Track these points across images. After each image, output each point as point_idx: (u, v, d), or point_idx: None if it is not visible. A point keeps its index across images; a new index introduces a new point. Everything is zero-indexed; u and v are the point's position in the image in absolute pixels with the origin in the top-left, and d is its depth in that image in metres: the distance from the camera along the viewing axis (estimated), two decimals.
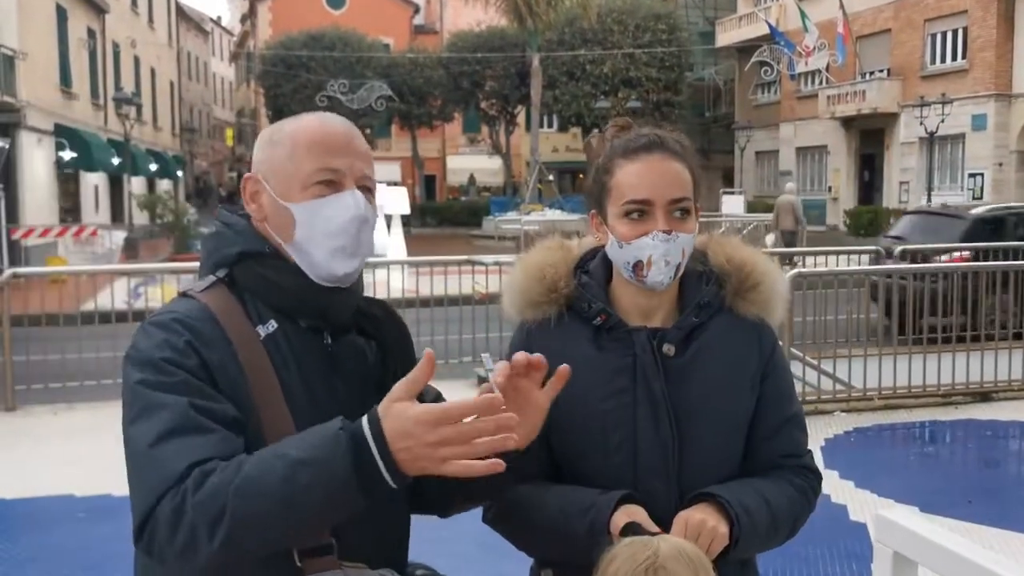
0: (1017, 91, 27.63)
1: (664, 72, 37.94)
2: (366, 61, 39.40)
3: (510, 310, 1.77)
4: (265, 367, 1.40)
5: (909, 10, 30.97)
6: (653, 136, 1.68)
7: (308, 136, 1.47)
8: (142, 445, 1.29)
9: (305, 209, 1.45)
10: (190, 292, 1.47)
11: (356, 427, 1.23)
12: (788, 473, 1.70)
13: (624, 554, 1.42)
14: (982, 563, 2.11)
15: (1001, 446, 7.00)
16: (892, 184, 31.95)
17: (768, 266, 1.74)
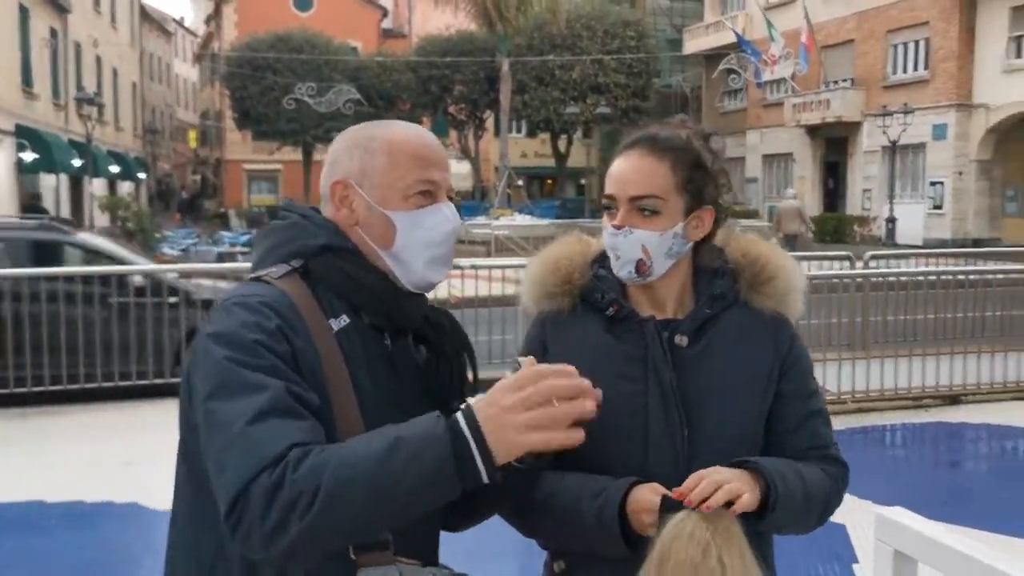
0: (977, 102, 28.15)
1: (632, 78, 38.20)
2: (334, 64, 39.23)
3: (527, 302, 1.80)
4: (338, 361, 1.40)
5: (872, 21, 31.45)
6: (646, 132, 1.71)
7: (409, 148, 1.50)
8: (239, 422, 1.26)
9: (407, 218, 1.48)
10: (265, 277, 1.45)
11: (451, 416, 1.26)
12: (815, 462, 1.71)
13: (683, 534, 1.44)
14: (981, 559, 2.12)
15: (971, 448, 7.11)
16: (855, 191, 32.40)
17: (784, 260, 1.75)
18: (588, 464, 1.65)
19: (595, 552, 1.62)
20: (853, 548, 4.60)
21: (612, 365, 1.67)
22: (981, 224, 28.40)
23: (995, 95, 27.50)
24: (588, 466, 1.65)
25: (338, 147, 1.53)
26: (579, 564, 1.69)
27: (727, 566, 1.43)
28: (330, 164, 1.53)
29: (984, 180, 28.50)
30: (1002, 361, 8.08)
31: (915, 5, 29.62)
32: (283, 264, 1.47)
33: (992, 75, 27.68)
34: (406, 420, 1.34)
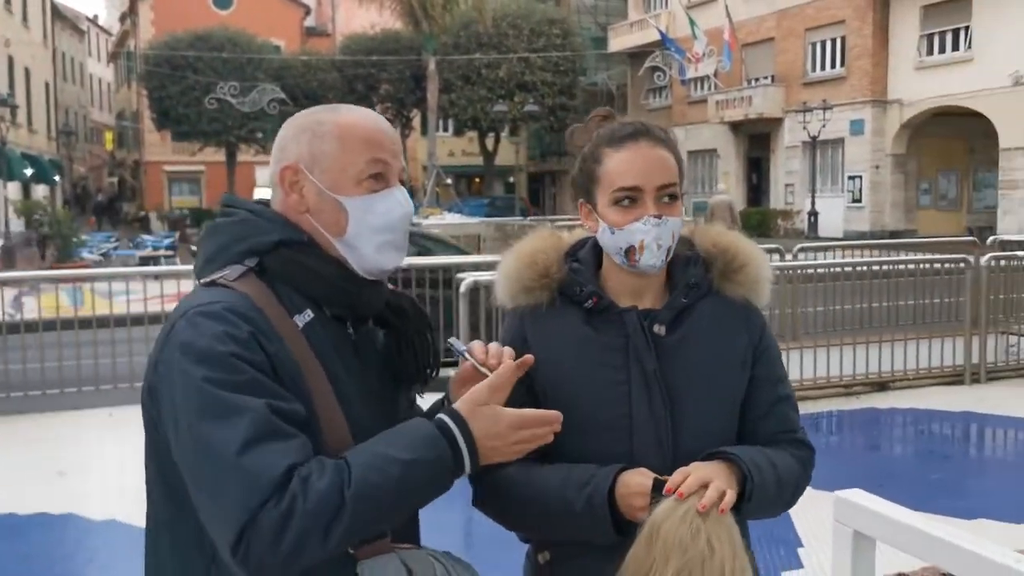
0: (892, 98, 29.06)
1: (559, 77, 38.45)
2: (256, 63, 38.62)
3: (503, 297, 1.80)
4: (311, 358, 1.38)
5: (791, 20, 32.20)
6: (639, 124, 1.73)
7: (360, 131, 1.47)
8: (228, 453, 1.24)
9: (359, 204, 1.46)
10: (222, 280, 1.40)
11: (445, 426, 1.35)
12: (786, 446, 1.75)
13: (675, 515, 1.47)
14: (936, 534, 2.19)
15: (900, 432, 7.34)
16: (778, 186, 33.15)
17: (753, 250, 1.79)
18: (572, 453, 1.67)
19: (583, 540, 1.63)
20: (797, 532, 4.72)
21: (594, 356, 1.69)
22: (897, 216, 29.34)
23: (908, 91, 28.44)
24: (572, 455, 1.67)
25: (286, 132, 1.50)
26: (565, 553, 1.70)
27: (716, 548, 1.45)
28: (278, 149, 1.49)
29: (899, 174, 29.44)
30: (926, 348, 8.37)
31: (831, 4, 30.43)
32: (236, 264, 1.42)
33: (905, 72, 28.62)
34: (378, 405, 1.44)
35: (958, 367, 8.41)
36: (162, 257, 22.45)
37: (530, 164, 46.79)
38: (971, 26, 26.61)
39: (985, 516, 5.00)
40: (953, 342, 8.53)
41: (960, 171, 30.58)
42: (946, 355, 8.44)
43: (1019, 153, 25.57)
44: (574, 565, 1.69)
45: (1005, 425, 7.25)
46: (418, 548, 1.45)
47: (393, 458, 1.29)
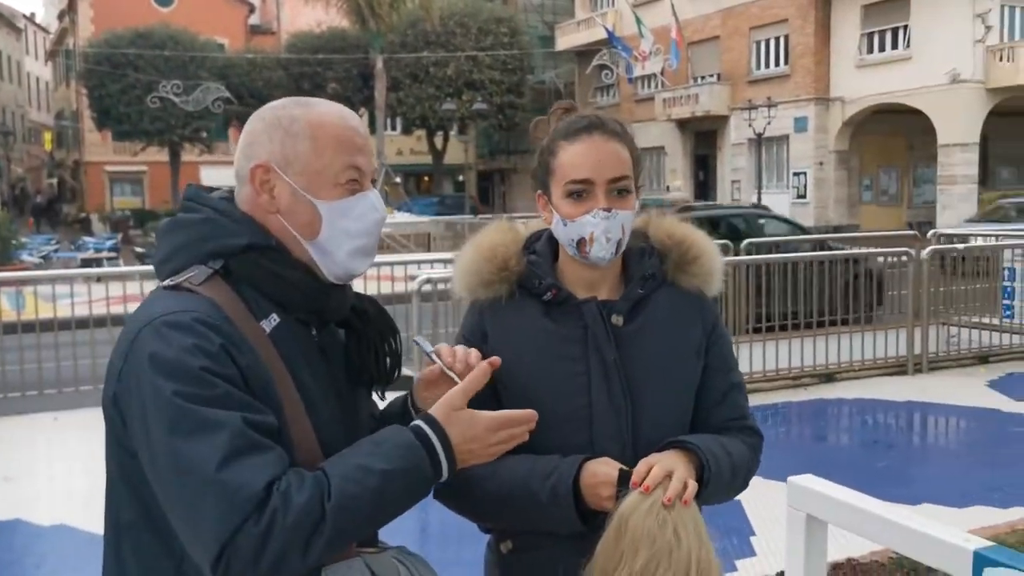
0: (834, 95, 29.61)
1: (507, 75, 38.50)
2: (200, 61, 38.04)
3: (461, 291, 1.80)
4: (281, 367, 1.36)
5: (736, 18, 32.63)
6: (593, 118, 1.74)
7: (335, 131, 1.43)
8: (206, 469, 1.21)
9: (333, 208, 1.42)
10: (186, 285, 1.36)
11: (422, 434, 1.35)
12: (736, 432, 1.79)
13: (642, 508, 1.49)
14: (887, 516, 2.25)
15: (847, 422, 7.50)
16: (725, 183, 33.58)
17: (706, 242, 1.83)
18: (533, 444, 1.66)
19: (547, 529, 1.65)
20: (749, 521, 4.80)
21: (553, 347, 1.71)
22: (841, 211, 29.92)
23: (850, 89, 29.00)
24: (533, 446, 1.66)
25: (256, 127, 1.44)
26: (528, 542, 1.71)
27: (682, 538, 1.48)
28: (247, 145, 1.44)
29: (842, 170, 30.02)
30: (870, 340, 8.56)
31: (775, 3, 30.91)
32: (200, 266, 1.38)
33: (847, 70, 29.19)
34: (342, 407, 1.43)
35: (901, 358, 8.62)
36: (105, 259, 22.02)
37: (479, 162, 46.78)
38: (909, 25, 27.24)
39: (929, 501, 5.13)
40: (896, 334, 8.74)
41: (900, 167, 31.30)
42: (890, 346, 8.64)
43: (957, 149, 26.24)
44: (537, 554, 1.70)
45: (946, 413, 7.45)
46: (381, 551, 1.44)
47: (372, 468, 1.28)
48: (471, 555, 1.95)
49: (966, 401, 7.58)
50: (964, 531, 1.83)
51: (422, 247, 22.93)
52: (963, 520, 4.70)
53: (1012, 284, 9.80)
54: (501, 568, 1.77)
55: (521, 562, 1.73)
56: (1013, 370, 8.74)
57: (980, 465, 5.98)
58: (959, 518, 4.77)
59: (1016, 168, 31.45)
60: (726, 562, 4.29)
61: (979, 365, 8.94)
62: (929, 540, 1.99)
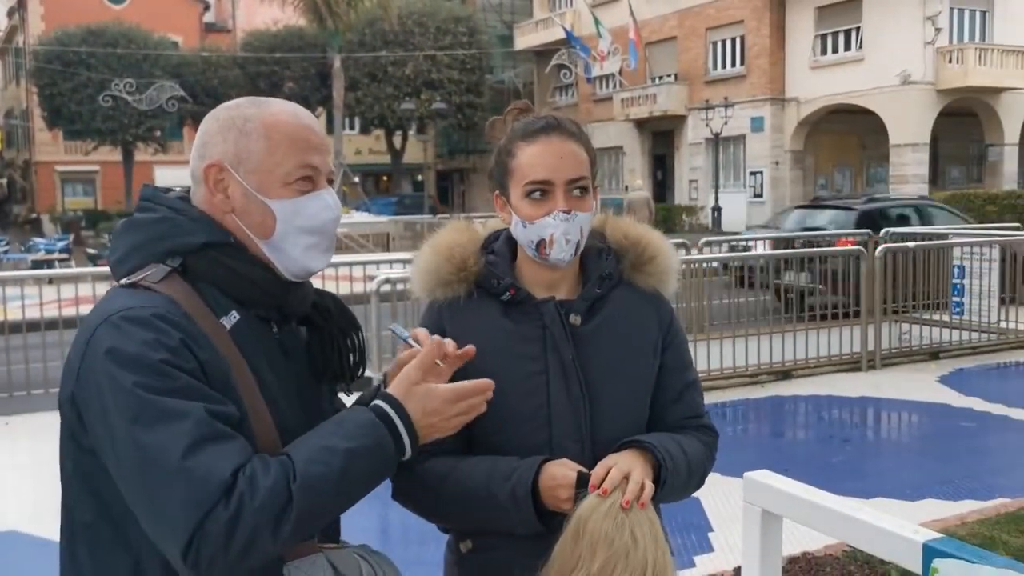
0: (789, 95, 30.01)
1: (465, 74, 38.47)
2: (153, 59, 37.52)
3: (419, 291, 1.80)
4: (241, 362, 1.36)
5: (693, 19, 32.93)
6: (550, 118, 1.75)
7: (288, 130, 1.43)
8: (172, 458, 1.21)
9: (287, 207, 1.42)
10: (144, 283, 1.36)
11: (382, 411, 1.36)
12: (692, 431, 1.81)
13: (600, 510, 1.51)
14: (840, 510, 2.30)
15: (803, 418, 7.60)
16: (683, 182, 33.87)
17: (662, 242, 1.84)
18: (493, 443, 1.70)
19: (505, 530, 1.65)
20: (707, 517, 4.84)
21: (512, 347, 1.71)
22: None
23: (804, 89, 29.41)
24: (493, 445, 1.70)
25: (210, 126, 1.44)
26: (487, 542, 1.72)
27: (639, 539, 1.50)
28: (201, 145, 1.44)
29: (798, 169, 30.43)
30: (825, 337, 8.69)
31: (730, 4, 31.24)
32: (158, 264, 1.38)
33: (801, 71, 29.59)
34: (305, 404, 1.44)
35: (855, 354, 8.76)
36: (56, 260, 21.62)
37: (438, 162, 46.69)
38: (861, 27, 27.69)
39: (882, 495, 5.22)
40: (851, 331, 8.88)
41: (854, 167, 31.81)
42: (844, 343, 8.78)
43: (908, 149, 26.73)
44: (496, 553, 1.71)
45: (899, 408, 7.59)
46: (343, 547, 1.44)
47: (335, 448, 1.29)
48: (433, 555, 1.96)
49: (917, 396, 7.72)
50: (915, 524, 1.87)
51: (381, 247, 22.83)
52: (915, 513, 4.79)
53: (961, 282, 10.01)
54: (460, 567, 1.78)
55: (480, 561, 1.74)
56: (962, 366, 8.93)
57: (931, 459, 6.10)
58: (911, 511, 4.86)
59: (965, 168, 32.13)
60: (684, 558, 4.33)
61: (930, 361, 9.12)
62: (880, 533, 2.03)
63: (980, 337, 9.74)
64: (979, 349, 9.55)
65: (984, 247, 9.95)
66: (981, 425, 6.83)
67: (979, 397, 7.57)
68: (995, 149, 28.11)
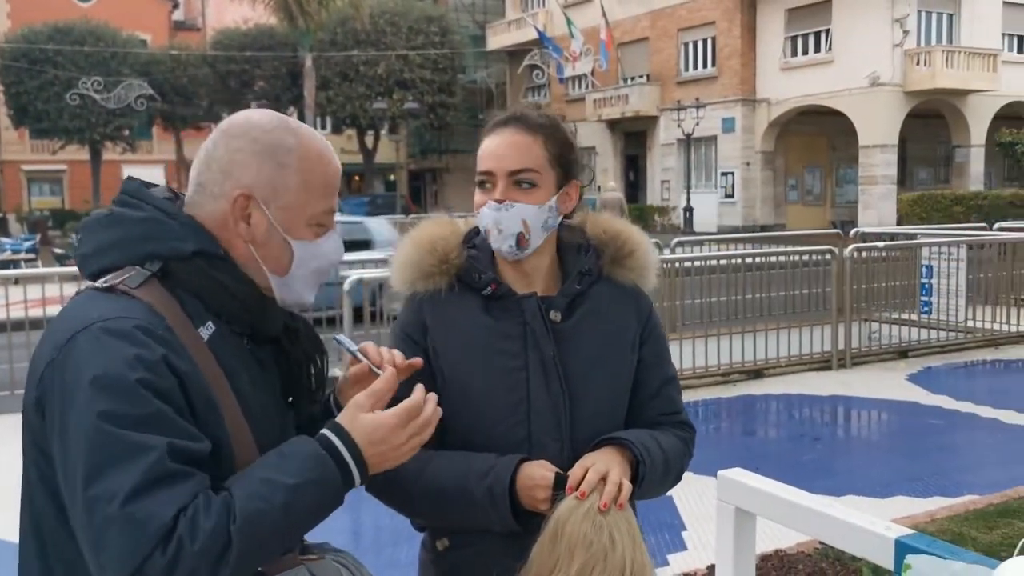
0: (760, 97, 30.23)
1: (438, 74, 38.37)
2: (122, 57, 37.12)
3: (399, 284, 1.79)
4: (219, 375, 1.32)
5: (664, 20, 33.08)
6: (517, 112, 1.76)
7: (324, 171, 1.42)
8: (116, 501, 1.16)
9: (307, 248, 1.42)
10: (122, 287, 1.30)
11: (328, 443, 1.30)
12: (670, 427, 1.82)
13: (578, 512, 1.51)
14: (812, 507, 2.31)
15: (774, 417, 7.65)
16: (655, 183, 34.01)
17: (641, 237, 1.85)
18: (473, 439, 1.69)
19: (481, 528, 1.65)
20: (680, 516, 4.86)
21: (492, 343, 1.71)
22: (767, 211, 30.55)
23: (775, 91, 29.64)
24: (472, 440, 1.69)
25: (243, 146, 1.37)
26: (464, 540, 1.71)
27: (617, 541, 1.50)
28: (230, 163, 1.37)
29: (768, 170, 30.66)
30: (796, 336, 8.77)
31: (702, 5, 31.42)
32: (135, 267, 1.33)
33: (772, 72, 29.82)
34: (282, 418, 1.43)
35: (826, 353, 8.83)
36: (23, 261, 21.33)
37: (411, 162, 46.54)
38: (831, 29, 27.94)
39: (853, 492, 5.27)
40: (821, 330, 8.95)
41: (824, 167, 32.10)
42: (815, 342, 8.85)
43: (877, 150, 27.02)
44: (473, 551, 1.70)
45: (869, 407, 7.66)
46: (322, 557, 1.42)
47: (278, 483, 1.24)
48: (406, 556, 1.94)
49: (887, 395, 7.80)
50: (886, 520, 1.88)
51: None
52: (885, 510, 4.84)
53: (929, 281, 10.14)
54: (436, 565, 1.77)
55: (456, 559, 1.73)
56: (931, 364, 9.04)
57: (901, 456, 6.16)
58: (881, 508, 4.91)
59: (933, 169, 32.54)
60: (658, 557, 4.34)
61: (899, 359, 9.22)
62: (853, 529, 2.05)
63: (948, 336, 9.87)
64: (947, 348, 9.67)
65: (952, 247, 10.08)
66: (949, 423, 6.92)
67: (947, 395, 7.67)
68: (962, 150, 28.48)
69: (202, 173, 1.39)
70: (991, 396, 7.76)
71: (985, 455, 6.17)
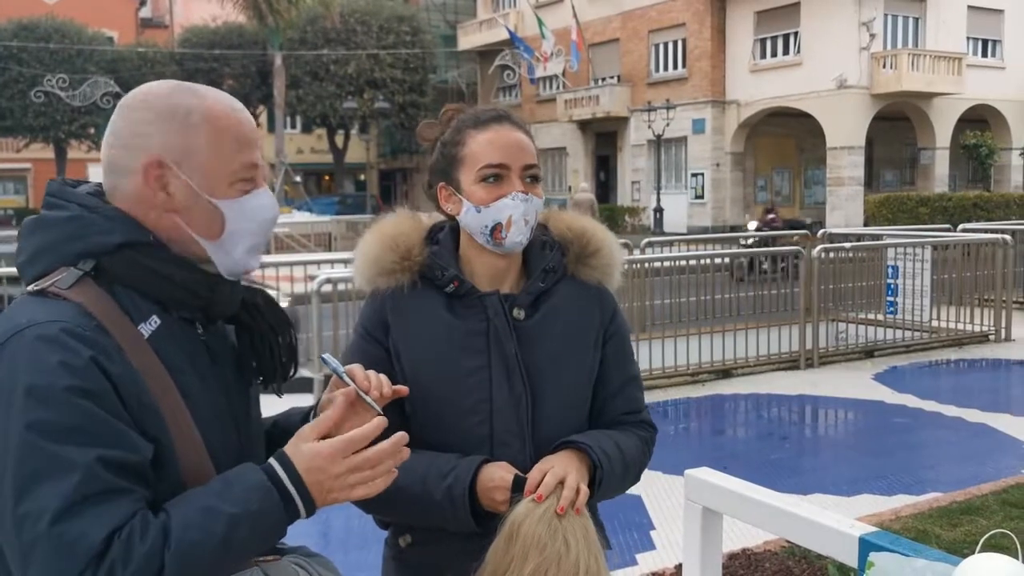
0: (730, 98, 30.44)
1: (409, 74, 38.29)
2: (88, 54, 36.70)
3: (360, 280, 1.78)
4: (161, 373, 1.27)
5: (635, 21, 33.21)
6: (501, 110, 1.77)
7: (232, 126, 1.36)
8: (44, 519, 1.12)
9: (234, 207, 1.36)
10: (53, 289, 1.26)
11: (273, 474, 1.25)
12: (631, 427, 1.82)
13: (534, 515, 1.52)
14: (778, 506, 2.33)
15: (742, 416, 7.70)
16: (625, 183, 34.14)
17: (606, 235, 1.85)
18: (434, 437, 1.69)
19: (440, 525, 1.65)
20: (649, 516, 4.88)
21: (455, 340, 1.70)
22: (737, 212, 30.75)
23: (744, 92, 29.86)
24: (435, 438, 1.69)
25: (142, 115, 1.32)
26: (426, 537, 1.71)
27: (571, 545, 1.50)
28: (132, 135, 1.32)
29: (738, 171, 30.88)
30: (765, 336, 8.83)
31: (672, 7, 31.59)
32: (68, 267, 1.28)
33: (741, 74, 30.04)
34: (232, 409, 1.38)
35: (794, 353, 8.91)
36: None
37: (381, 161, 46.40)
38: (800, 31, 28.21)
39: (819, 491, 5.32)
40: (789, 330, 9.03)
41: (792, 169, 32.40)
42: (783, 342, 8.92)
43: (844, 152, 27.30)
44: (435, 548, 1.70)
45: (836, 406, 7.73)
46: (279, 557, 1.39)
47: (219, 512, 1.20)
48: (375, 559, 1.93)
49: (853, 394, 7.89)
50: (851, 519, 1.90)
51: (322, 247, 22.60)
52: (851, 508, 4.89)
53: (895, 281, 10.26)
54: (398, 562, 1.77)
55: (419, 556, 1.73)
56: (896, 363, 9.15)
57: (866, 455, 6.23)
58: (847, 506, 4.96)
59: (899, 171, 32.95)
60: (626, 556, 4.36)
61: (866, 359, 9.32)
62: (818, 528, 2.06)
63: (913, 336, 9.99)
64: (912, 347, 9.79)
65: (917, 248, 10.21)
66: (914, 421, 7.00)
67: (912, 394, 7.77)
68: (927, 152, 28.85)
69: (109, 152, 1.34)
70: (955, 395, 7.86)
71: (949, 453, 6.25)
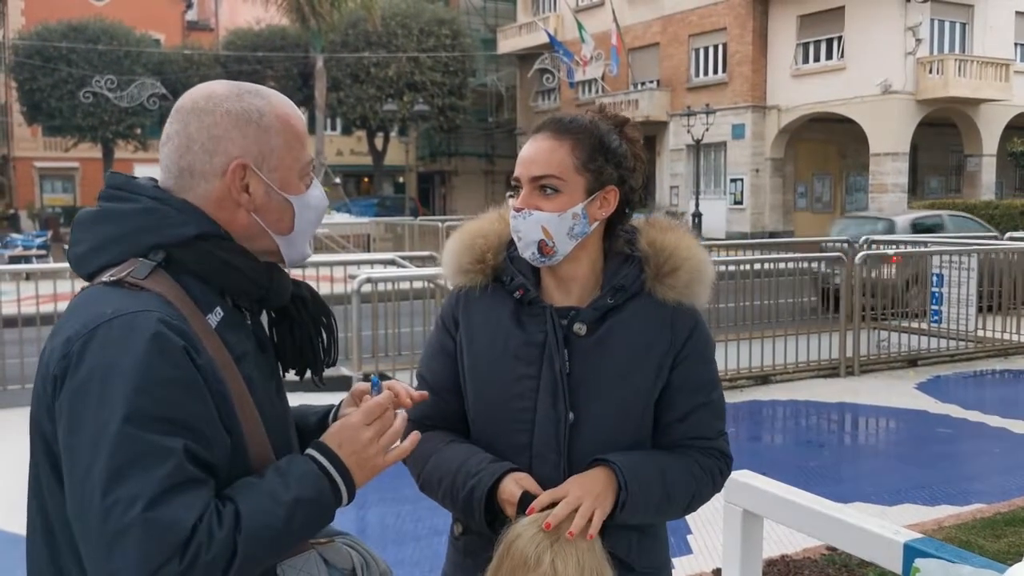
0: (771, 103, 30.18)
1: (448, 77, 38.42)
2: (135, 56, 37.28)
3: (447, 273, 1.83)
4: (228, 361, 1.31)
5: (675, 26, 33.05)
6: (554, 117, 1.74)
7: (297, 124, 1.44)
8: (135, 508, 1.15)
9: (302, 201, 1.44)
10: (131, 280, 1.28)
11: (318, 460, 1.34)
12: (695, 453, 1.73)
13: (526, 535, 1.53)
14: (819, 509, 2.32)
15: (781, 423, 7.64)
16: (664, 188, 33.97)
17: (692, 251, 1.74)
18: (481, 437, 1.74)
19: (465, 520, 1.72)
20: (686, 520, 4.85)
21: (513, 348, 1.71)
22: (776, 218, 30.49)
23: (786, 97, 29.58)
24: (483, 437, 1.74)
25: (219, 120, 1.35)
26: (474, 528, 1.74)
27: (559, 571, 1.50)
28: (212, 138, 1.35)
29: (778, 177, 30.59)
30: (805, 343, 8.75)
31: (713, 11, 31.38)
32: (139, 259, 1.30)
33: (783, 79, 29.76)
34: (281, 394, 1.46)
35: (834, 360, 8.82)
36: (34, 257, 21.42)
37: (420, 164, 46.58)
38: (843, 36, 27.89)
39: (860, 499, 5.26)
40: (829, 337, 8.93)
41: (833, 175, 32.03)
42: (823, 349, 8.83)
43: (888, 158, 26.94)
44: (480, 539, 1.71)
45: (877, 414, 7.64)
46: (331, 540, 1.44)
47: (279, 498, 1.27)
48: (411, 556, 1.97)
49: (895, 403, 7.79)
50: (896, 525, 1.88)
51: (361, 248, 22.77)
52: (892, 517, 4.83)
53: (940, 290, 10.11)
54: (454, 548, 1.82)
55: (468, 544, 1.77)
56: (940, 373, 9.02)
57: (908, 464, 6.15)
58: (889, 515, 4.90)
59: (944, 178, 32.44)
60: None
61: (908, 368, 9.20)
62: (862, 533, 2.04)
63: (958, 345, 9.83)
64: (956, 357, 9.64)
65: (962, 256, 10.05)
66: (958, 432, 6.90)
67: (956, 404, 7.65)
68: (973, 160, 28.38)
69: (183, 156, 1.37)
70: (1000, 405, 7.74)
71: (993, 464, 6.15)
